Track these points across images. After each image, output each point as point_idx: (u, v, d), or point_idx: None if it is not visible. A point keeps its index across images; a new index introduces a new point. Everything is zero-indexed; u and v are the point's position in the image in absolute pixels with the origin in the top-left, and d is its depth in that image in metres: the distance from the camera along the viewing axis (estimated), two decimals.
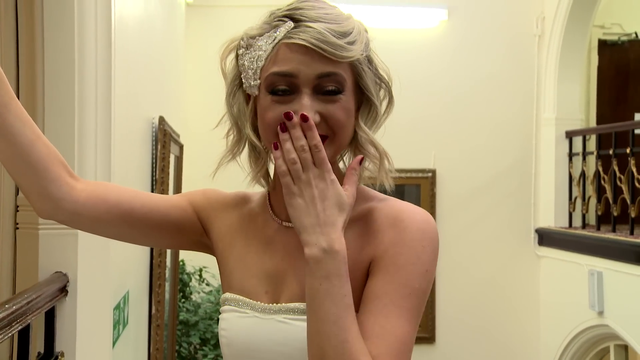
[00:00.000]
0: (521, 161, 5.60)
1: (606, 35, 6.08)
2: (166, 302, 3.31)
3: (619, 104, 6.01)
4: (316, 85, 0.94)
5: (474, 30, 5.61)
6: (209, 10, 5.30)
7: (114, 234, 1.11)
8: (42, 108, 1.66)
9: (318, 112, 0.94)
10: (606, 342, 4.89)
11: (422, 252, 0.94)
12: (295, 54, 0.93)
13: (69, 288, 1.67)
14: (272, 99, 0.95)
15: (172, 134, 3.19)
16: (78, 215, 1.03)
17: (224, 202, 1.12)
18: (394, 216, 0.96)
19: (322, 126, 0.94)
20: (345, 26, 0.95)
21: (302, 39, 0.92)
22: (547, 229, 5.43)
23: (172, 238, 1.11)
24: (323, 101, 0.94)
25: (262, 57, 0.96)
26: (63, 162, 1.03)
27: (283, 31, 0.94)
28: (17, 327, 1.36)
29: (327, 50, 0.92)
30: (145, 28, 2.84)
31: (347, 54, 0.94)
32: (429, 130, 5.52)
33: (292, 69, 0.93)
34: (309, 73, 0.93)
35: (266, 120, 0.96)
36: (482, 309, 5.56)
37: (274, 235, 1.05)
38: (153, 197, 1.09)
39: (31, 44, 1.65)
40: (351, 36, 0.95)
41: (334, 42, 0.93)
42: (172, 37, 4.11)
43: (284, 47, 0.94)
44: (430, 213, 4.36)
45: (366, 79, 0.98)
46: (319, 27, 0.92)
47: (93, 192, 1.03)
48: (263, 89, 0.97)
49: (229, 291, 1.06)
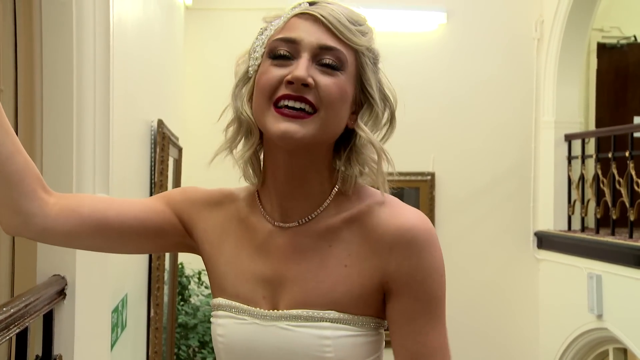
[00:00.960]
0: (520, 164, 5.60)
1: (605, 38, 6.09)
2: (165, 305, 3.31)
3: (618, 107, 6.01)
4: (316, 54, 0.94)
5: (473, 33, 5.62)
6: (208, 14, 5.30)
7: (88, 245, 1.08)
8: (41, 112, 1.66)
9: (312, 78, 0.93)
10: (605, 346, 4.89)
11: (434, 261, 0.96)
12: (304, 22, 0.94)
13: (67, 291, 1.66)
14: (271, 63, 0.95)
15: (170, 137, 3.19)
16: (49, 231, 1.00)
17: (206, 200, 1.07)
18: (401, 232, 0.95)
19: (312, 93, 0.92)
20: (359, 17, 0.97)
21: (316, 11, 0.94)
22: (546, 232, 5.43)
23: (152, 243, 1.07)
24: (320, 71, 0.94)
25: (274, 30, 0.97)
26: (39, 176, 1.00)
27: (298, 9, 0.96)
28: (15, 330, 1.36)
29: (336, 27, 0.94)
30: (144, 31, 2.84)
31: (354, 38, 0.95)
32: (428, 134, 5.52)
33: (295, 35, 0.94)
34: (312, 41, 0.93)
35: (263, 82, 0.94)
36: (482, 312, 5.55)
37: (268, 237, 1.01)
38: (128, 205, 1.06)
39: (29, 47, 1.65)
40: (363, 27, 0.97)
41: (345, 22, 0.94)
42: (170, 40, 4.12)
43: (295, 18, 0.96)
44: (429, 216, 4.37)
45: (368, 72, 0.98)
46: (334, 8, 0.95)
47: (65, 206, 1.01)
48: (265, 56, 0.96)
49: (221, 296, 1.03)
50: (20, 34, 1.64)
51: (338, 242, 0.98)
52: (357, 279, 0.97)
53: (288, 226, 1.00)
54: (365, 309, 0.97)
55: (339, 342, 0.94)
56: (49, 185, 1.02)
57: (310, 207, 1.00)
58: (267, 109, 0.93)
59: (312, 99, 0.92)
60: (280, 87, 0.93)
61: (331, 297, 0.96)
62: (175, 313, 3.99)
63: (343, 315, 0.95)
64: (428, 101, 5.51)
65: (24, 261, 1.66)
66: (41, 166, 1.64)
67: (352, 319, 0.96)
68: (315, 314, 0.95)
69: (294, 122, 0.91)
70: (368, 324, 0.97)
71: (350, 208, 0.99)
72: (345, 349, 0.95)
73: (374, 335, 0.98)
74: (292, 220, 1.00)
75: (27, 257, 1.65)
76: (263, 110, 0.94)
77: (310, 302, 0.96)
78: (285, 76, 0.92)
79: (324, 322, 0.95)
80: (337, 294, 0.96)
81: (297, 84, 0.91)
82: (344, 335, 0.95)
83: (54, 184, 1.62)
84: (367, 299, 0.97)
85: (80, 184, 1.68)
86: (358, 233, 0.98)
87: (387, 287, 0.97)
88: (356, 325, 0.96)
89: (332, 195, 1.00)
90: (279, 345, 0.96)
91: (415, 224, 0.96)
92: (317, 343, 0.94)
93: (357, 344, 0.96)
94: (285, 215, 1.00)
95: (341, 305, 0.96)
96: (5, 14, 1.62)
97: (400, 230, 0.95)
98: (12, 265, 1.66)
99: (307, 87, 0.92)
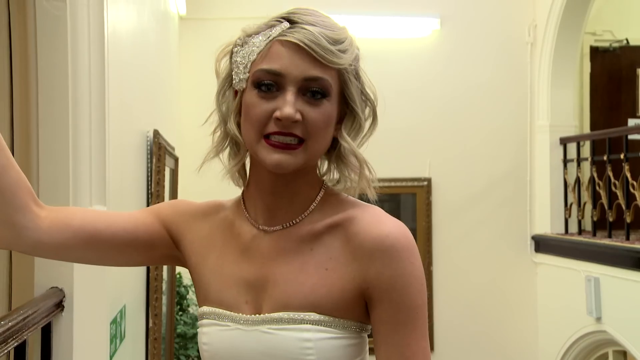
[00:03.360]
0: (516, 168, 5.61)
1: (598, 42, 6.12)
2: (163, 315, 3.30)
3: (612, 110, 6.04)
4: (302, 87, 0.96)
5: (467, 39, 5.64)
6: (202, 23, 5.31)
7: (79, 258, 1.09)
8: (36, 123, 1.65)
9: (299, 113, 0.95)
10: (605, 348, 4.89)
11: (413, 269, 0.97)
12: (286, 51, 0.95)
13: (65, 303, 1.66)
14: (257, 94, 0.97)
15: (167, 147, 3.19)
16: (41, 244, 1.00)
17: (194, 212, 1.10)
18: (381, 240, 0.97)
19: (299, 127, 0.95)
20: (339, 34, 0.97)
21: (295, 38, 0.95)
22: (543, 235, 5.44)
23: (142, 255, 1.09)
24: (306, 103, 0.96)
25: (255, 52, 0.98)
26: (30, 190, 1.00)
27: (278, 30, 0.97)
28: (13, 344, 1.35)
29: (318, 52, 0.95)
30: (139, 41, 2.84)
31: (336, 60, 0.96)
32: (423, 139, 5.53)
33: (280, 68, 0.95)
34: (297, 74, 0.95)
35: (250, 115, 0.97)
36: (480, 316, 5.55)
37: (252, 241, 1.03)
38: (118, 217, 1.07)
39: (24, 59, 1.65)
40: (343, 45, 0.97)
41: (326, 46, 0.95)
42: (165, 50, 4.12)
43: (277, 44, 0.96)
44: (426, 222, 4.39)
45: (352, 88, 1.00)
46: (313, 30, 0.95)
47: (56, 219, 1.01)
48: (250, 84, 0.98)
49: (205, 304, 1.04)
50: (15, 46, 1.64)
51: (320, 246, 1.00)
52: (338, 282, 0.98)
53: (272, 230, 1.02)
54: (346, 312, 0.98)
55: (320, 344, 0.95)
56: (46, 197, 1.02)
57: (295, 212, 1.02)
58: (258, 140, 0.97)
59: (300, 132, 0.96)
60: (270, 122, 0.96)
61: (312, 300, 0.97)
62: (174, 323, 3.98)
63: (324, 318, 0.96)
64: (423, 107, 5.53)
65: (21, 274, 1.65)
66: (37, 178, 1.64)
67: (333, 321, 0.97)
68: (296, 316, 0.96)
69: (285, 154, 0.95)
70: (350, 326, 0.98)
71: (334, 214, 1.01)
72: (326, 351, 0.95)
73: (357, 338, 0.99)
74: (276, 224, 1.02)
75: (24, 269, 1.65)
76: (254, 141, 0.98)
77: (291, 305, 0.97)
78: (273, 111, 0.95)
79: (305, 324, 0.96)
80: (318, 296, 0.97)
81: (286, 122, 0.94)
82: (325, 338, 0.95)
83: (50, 195, 1.63)
84: (348, 302, 0.98)
85: (76, 196, 1.68)
86: (339, 238, 1.00)
87: (367, 294, 0.98)
88: (337, 328, 0.97)
89: (317, 200, 1.03)
90: (261, 350, 0.97)
91: (394, 232, 0.98)
92: (299, 345, 0.95)
93: (339, 347, 0.96)
94: (270, 219, 1.03)
95: (322, 307, 0.97)
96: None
97: (380, 238, 0.97)
98: (10, 277, 1.65)
99: (295, 122, 0.95)
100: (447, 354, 5.43)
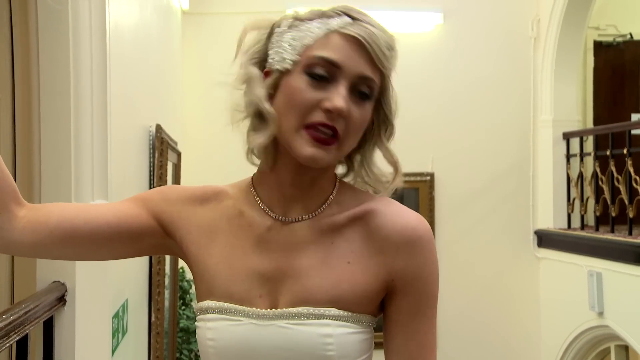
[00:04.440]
0: (519, 163, 5.61)
1: (601, 36, 6.10)
2: (166, 310, 3.31)
3: (615, 105, 6.03)
4: (354, 83, 0.95)
5: (470, 33, 5.63)
6: (205, 18, 5.30)
7: (58, 255, 1.06)
8: (38, 118, 1.66)
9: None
10: (607, 343, 4.89)
11: (434, 260, 1.00)
12: (347, 45, 0.94)
13: (67, 297, 1.66)
14: (307, 80, 0.94)
15: (169, 141, 3.19)
16: (15, 243, 0.98)
17: (188, 198, 1.05)
18: (408, 232, 0.98)
19: (342, 122, 0.94)
20: (393, 40, 0.99)
21: (359, 34, 0.94)
22: (546, 230, 5.44)
23: (128, 247, 1.05)
24: (352, 100, 0.95)
25: (310, 37, 0.96)
26: (13, 189, 0.98)
27: (339, 22, 0.96)
28: (15, 338, 1.35)
29: (377, 53, 0.95)
30: (141, 36, 2.84)
31: (388, 64, 0.97)
32: (426, 134, 5.53)
33: (339, 59, 0.94)
34: (353, 69, 0.94)
35: (296, 100, 0.94)
36: (483, 311, 5.56)
37: (268, 232, 1.00)
38: (100, 211, 1.03)
39: (26, 54, 1.65)
40: (394, 51, 0.99)
41: (385, 50, 0.96)
42: (168, 44, 4.12)
43: (337, 36, 0.95)
44: (429, 216, 4.40)
45: (390, 95, 1.01)
46: (374, 30, 0.96)
47: (33, 218, 0.99)
48: (299, 68, 0.95)
49: (210, 298, 1.00)
50: (16, 41, 1.64)
51: (341, 240, 0.99)
52: (361, 277, 0.98)
53: (290, 220, 1.00)
54: (365, 307, 0.98)
55: (341, 339, 0.94)
56: (48, 191, 1.01)
57: (313, 204, 1.01)
58: (298, 129, 0.94)
59: (341, 128, 0.94)
60: (315, 111, 0.93)
61: (333, 294, 0.96)
62: (177, 317, 3.99)
63: (343, 313, 0.96)
64: (426, 102, 5.52)
65: (23, 268, 1.66)
66: (39, 173, 1.64)
67: (351, 316, 0.96)
68: (317, 311, 0.95)
69: (321, 149, 0.93)
70: (365, 321, 0.98)
71: (353, 207, 1.01)
72: (346, 346, 0.95)
73: (369, 333, 1.00)
74: (294, 214, 1.00)
75: (26, 263, 1.65)
76: (292, 127, 0.94)
77: (312, 299, 0.96)
78: (321, 100, 0.93)
79: (326, 319, 0.95)
80: (340, 290, 0.96)
81: (335, 114, 0.93)
82: (345, 333, 0.95)
83: (52, 190, 1.63)
84: (370, 297, 0.98)
85: (78, 190, 1.68)
86: (361, 232, 0.99)
87: (391, 286, 0.99)
88: (355, 322, 0.97)
89: (334, 193, 1.02)
90: (279, 345, 0.95)
91: (419, 224, 1.00)
92: (320, 341, 0.94)
93: (357, 341, 0.96)
94: (288, 210, 1.00)
95: (343, 302, 0.96)
96: (1, 21, 1.62)
97: (406, 230, 0.98)
98: (12, 272, 1.66)
99: (340, 117, 0.94)
100: (450, 348, 5.44)
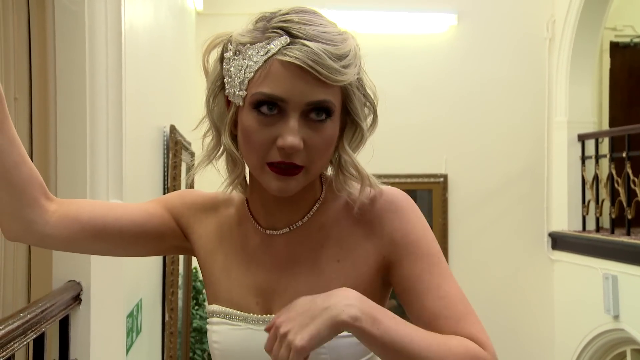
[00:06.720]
0: (533, 165, 5.57)
1: (618, 37, 6.05)
2: (179, 310, 3.32)
3: (631, 106, 5.97)
4: (305, 111, 0.91)
5: (484, 34, 5.60)
6: (220, 19, 5.32)
7: (88, 250, 1.10)
8: (55, 119, 1.67)
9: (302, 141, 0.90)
10: (622, 347, 4.84)
11: (420, 221, 0.99)
12: (288, 74, 0.88)
13: (83, 296, 1.68)
14: (256, 118, 0.91)
15: (183, 142, 3.20)
16: (49, 237, 1.01)
17: (202, 204, 1.10)
18: (386, 204, 0.99)
19: (301, 155, 0.91)
20: (341, 48, 0.90)
21: (297, 59, 0.87)
22: (560, 232, 5.40)
23: (152, 246, 1.09)
24: (308, 127, 0.90)
25: (252, 68, 0.91)
26: (41, 184, 1.01)
27: (277, 45, 0.89)
28: (32, 336, 1.37)
29: (322, 73, 0.88)
30: (156, 37, 2.86)
31: (341, 77, 0.89)
32: (440, 135, 5.51)
33: (282, 94, 0.89)
34: (300, 99, 0.89)
35: (252, 141, 0.92)
36: (496, 313, 5.52)
37: (259, 246, 1.03)
38: (127, 210, 1.07)
39: (43, 56, 1.67)
40: (347, 59, 0.90)
41: (330, 64, 0.88)
42: (182, 45, 4.14)
43: (277, 64, 0.89)
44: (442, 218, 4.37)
45: (355, 102, 0.95)
46: (315, 47, 0.87)
47: (65, 213, 1.02)
48: (248, 104, 0.92)
49: (215, 302, 1.04)
50: (34, 43, 1.66)
51: (330, 240, 1.00)
52: (352, 271, 0.98)
53: (278, 233, 1.01)
54: None
55: (333, 343, 0.92)
56: (63, 190, 1.03)
57: (299, 214, 1.01)
58: (261, 167, 0.93)
59: (301, 161, 0.91)
60: (272, 149, 0.91)
61: None
62: (190, 317, 4.00)
63: None
64: (440, 103, 5.50)
65: (39, 267, 1.67)
66: (55, 172, 1.66)
67: None
68: None
69: (287, 181, 0.92)
70: None
71: (337, 205, 1.02)
72: (339, 350, 0.94)
73: None
74: (282, 226, 1.02)
75: (42, 263, 1.67)
76: (256, 166, 0.94)
77: None
78: (275, 138, 0.90)
79: None
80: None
81: (289, 151, 0.90)
82: (338, 337, 0.91)
83: (68, 190, 1.65)
84: (364, 287, 0.96)
85: (94, 190, 1.70)
86: (346, 224, 1.00)
87: (387, 262, 0.98)
88: None
89: (321, 199, 1.02)
90: None
91: (394, 194, 1.00)
92: None
93: (352, 344, 0.95)
94: (275, 222, 1.02)
95: None
96: (19, 23, 1.64)
97: (384, 203, 0.99)
98: (29, 271, 1.68)
99: (297, 150, 0.91)
100: None
